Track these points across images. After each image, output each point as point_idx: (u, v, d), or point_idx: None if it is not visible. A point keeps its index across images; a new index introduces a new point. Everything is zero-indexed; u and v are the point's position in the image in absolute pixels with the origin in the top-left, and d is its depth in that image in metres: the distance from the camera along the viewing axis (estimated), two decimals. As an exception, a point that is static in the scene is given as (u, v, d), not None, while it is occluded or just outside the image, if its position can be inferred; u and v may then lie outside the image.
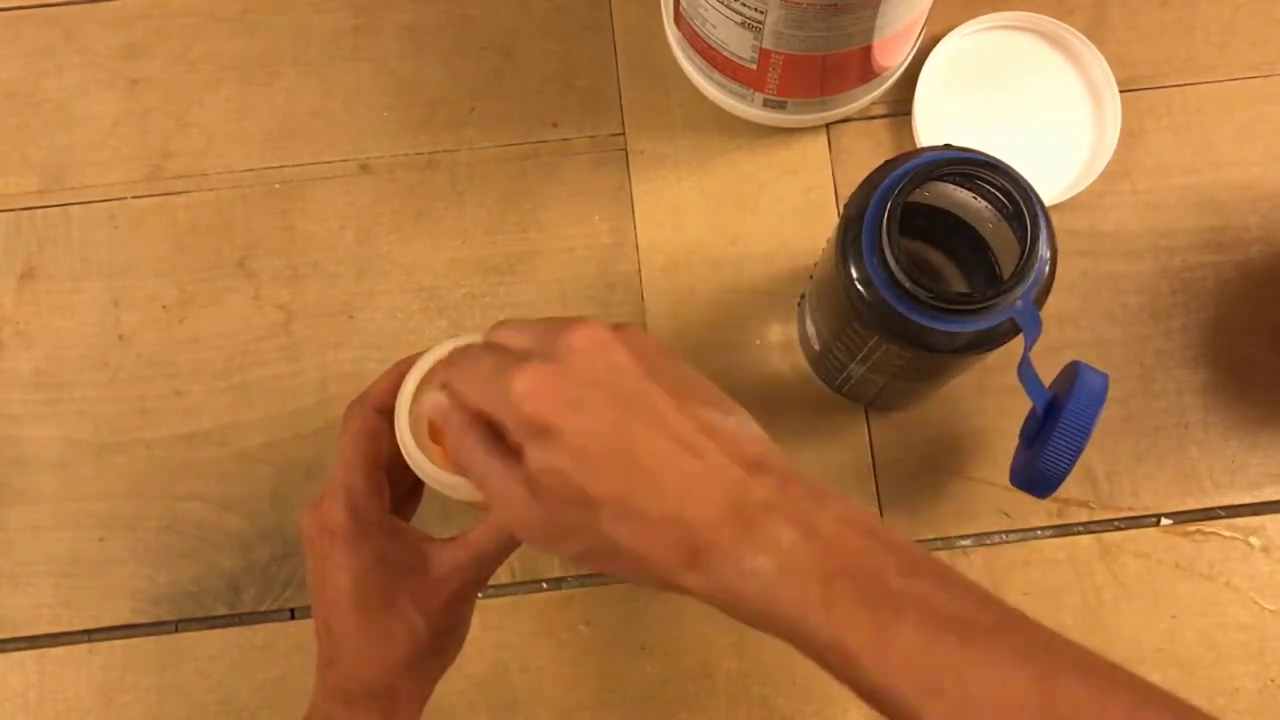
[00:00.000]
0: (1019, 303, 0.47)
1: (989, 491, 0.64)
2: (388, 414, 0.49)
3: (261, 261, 0.67)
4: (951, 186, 0.49)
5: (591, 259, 0.66)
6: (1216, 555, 0.63)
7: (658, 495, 0.39)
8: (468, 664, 0.62)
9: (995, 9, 0.68)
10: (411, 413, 0.48)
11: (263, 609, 0.63)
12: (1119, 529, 0.63)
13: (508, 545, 0.49)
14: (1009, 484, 0.56)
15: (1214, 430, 0.64)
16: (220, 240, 0.67)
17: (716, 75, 0.64)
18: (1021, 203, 0.46)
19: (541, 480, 0.39)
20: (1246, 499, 0.64)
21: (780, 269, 0.66)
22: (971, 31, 0.67)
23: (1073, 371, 0.52)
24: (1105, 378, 0.51)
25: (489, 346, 0.43)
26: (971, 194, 0.49)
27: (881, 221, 0.47)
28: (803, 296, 0.62)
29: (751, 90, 0.63)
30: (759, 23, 0.56)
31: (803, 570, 0.38)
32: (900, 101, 0.67)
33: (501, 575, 0.63)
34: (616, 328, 0.41)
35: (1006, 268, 0.49)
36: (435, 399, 0.43)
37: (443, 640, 0.49)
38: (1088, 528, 0.63)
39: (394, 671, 0.48)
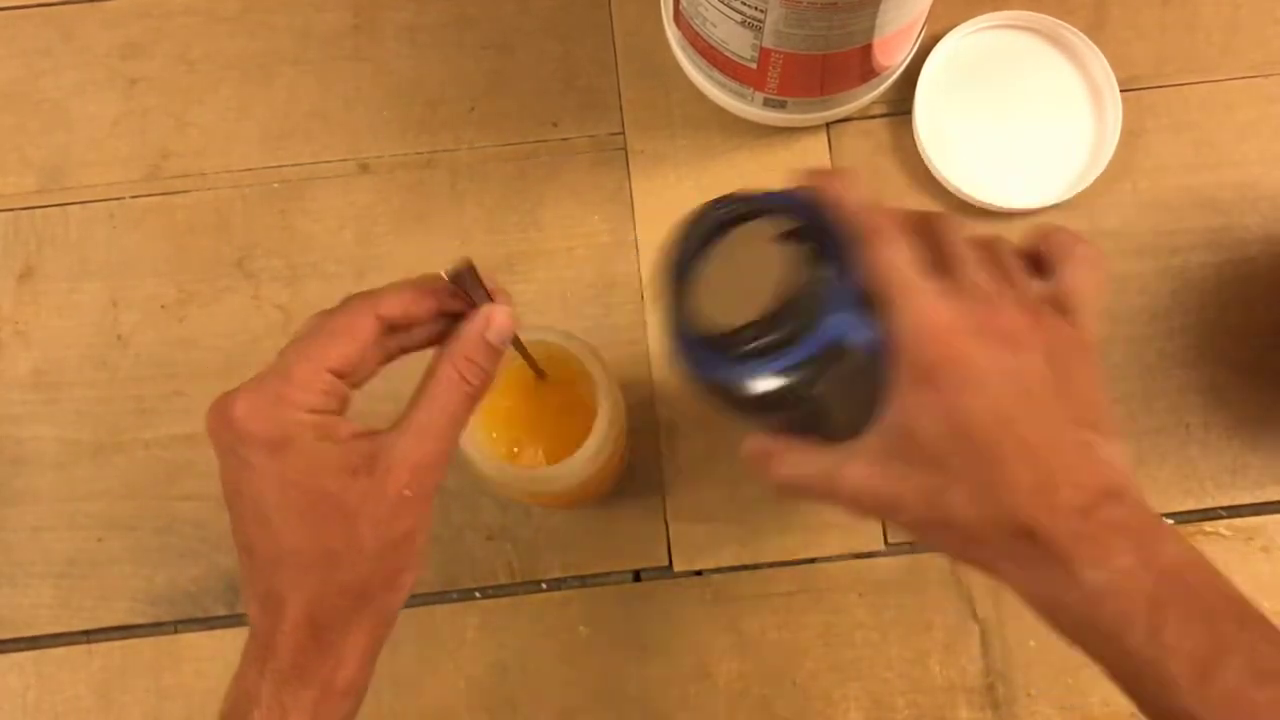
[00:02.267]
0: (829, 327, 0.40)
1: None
2: (386, 325, 0.43)
3: (261, 261, 0.66)
4: (741, 237, 0.43)
5: (591, 259, 0.66)
6: (1217, 556, 0.62)
7: (1015, 483, 0.39)
8: (468, 664, 0.62)
9: (995, 9, 0.68)
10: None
11: (262, 609, 0.63)
12: (1120, 529, 0.63)
13: (459, 410, 0.42)
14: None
15: (1215, 430, 0.64)
16: (219, 240, 0.67)
17: (716, 74, 0.64)
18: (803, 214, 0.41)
19: (910, 421, 0.40)
20: (1248, 499, 0.63)
21: (780, 269, 0.66)
22: (971, 31, 0.67)
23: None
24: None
25: (980, 261, 0.43)
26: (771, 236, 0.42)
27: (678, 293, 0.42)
28: None
29: (751, 90, 0.63)
30: (759, 22, 0.56)
31: (1134, 590, 0.38)
32: (900, 101, 0.67)
33: (501, 575, 0.63)
34: (1038, 320, 0.41)
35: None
36: (750, 447, 0.44)
37: (394, 559, 0.41)
38: (1088, 528, 0.63)
39: (336, 612, 0.40)
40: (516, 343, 0.46)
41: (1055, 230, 0.45)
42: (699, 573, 0.63)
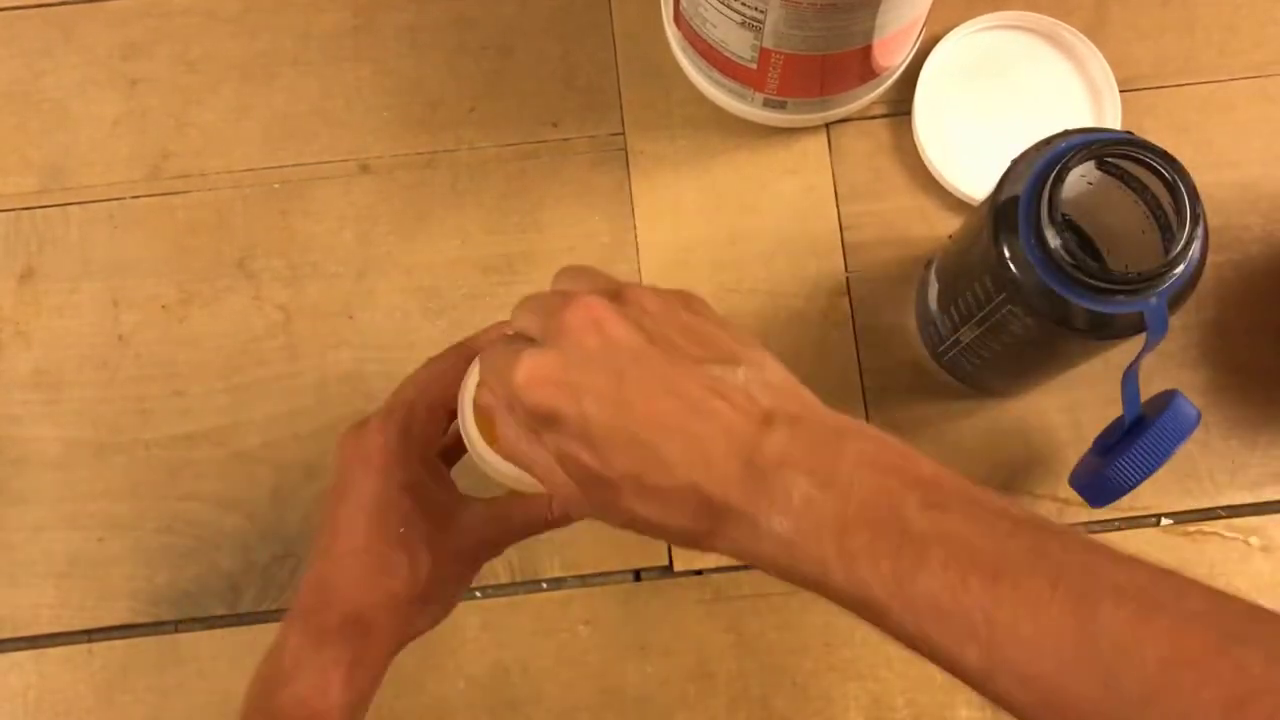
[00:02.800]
0: (1153, 299, 0.47)
1: (989, 491, 0.64)
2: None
3: (261, 261, 0.67)
4: (1091, 173, 0.50)
5: (591, 259, 0.66)
6: (1217, 555, 0.63)
7: (666, 469, 0.37)
8: (468, 664, 0.62)
9: (995, 9, 0.68)
10: (477, 393, 0.48)
11: (262, 609, 0.63)
12: (1119, 529, 0.63)
13: (536, 521, 0.49)
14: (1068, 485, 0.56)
15: (1214, 430, 0.64)
16: (220, 240, 0.67)
17: (716, 75, 0.64)
18: (1185, 193, 0.47)
19: (564, 464, 0.39)
20: (1247, 499, 0.64)
21: (780, 269, 0.66)
22: (971, 31, 0.67)
23: (1168, 397, 0.52)
24: (1199, 414, 0.52)
25: (509, 335, 0.43)
26: (1119, 181, 0.50)
27: (1043, 187, 0.47)
28: (929, 262, 0.62)
29: (751, 90, 0.63)
30: (759, 22, 0.56)
31: (818, 525, 0.36)
32: (900, 101, 0.67)
33: (501, 575, 0.63)
34: (613, 293, 0.40)
35: (1131, 266, 0.49)
36: (479, 395, 0.44)
37: (436, 591, 0.48)
38: (1088, 528, 0.63)
39: (380, 606, 0.46)
40: None
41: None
42: (699, 572, 0.63)
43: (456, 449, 0.52)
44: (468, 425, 0.48)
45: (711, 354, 0.39)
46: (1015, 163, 0.51)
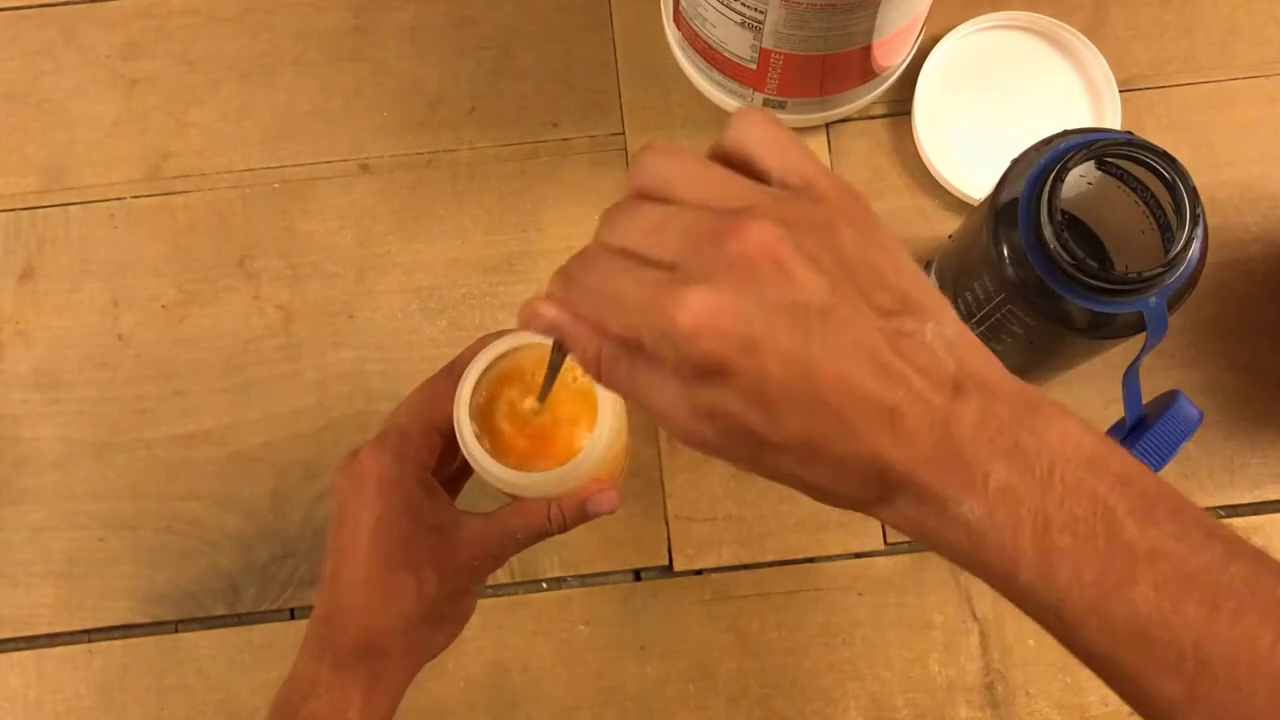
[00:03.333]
0: (1153, 299, 0.47)
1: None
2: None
3: (261, 261, 0.67)
4: (1091, 173, 0.50)
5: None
6: (1216, 555, 0.63)
7: (848, 437, 0.33)
8: (468, 664, 0.62)
9: (995, 9, 0.68)
10: (471, 404, 0.49)
11: (262, 609, 0.63)
12: (1119, 529, 0.63)
13: (536, 530, 0.49)
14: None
15: (1214, 430, 0.64)
16: (220, 240, 0.67)
17: (716, 75, 0.64)
18: (1185, 193, 0.47)
19: (710, 417, 0.34)
20: (1246, 499, 0.64)
21: (780, 269, 0.66)
22: (971, 31, 0.67)
23: (1170, 398, 0.52)
24: (1201, 414, 0.52)
25: (620, 255, 0.35)
26: (1119, 181, 0.50)
27: (1043, 187, 0.47)
28: (929, 262, 0.62)
29: (751, 90, 0.63)
30: (759, 22, 0.56)
31: (1016, 518, 0.33)
32: (900, 101, 0.67)
33: (501, 575, 0.63)
34: (784, 220, 0.33)
35: (1131, 265, 0.49)
36: (550, 315, 0.35)
37: (445, 608, 0.49)
38: (1088, 527, 0.63)
39: (392, 630, 0.47)
40: (555, 362, 0.44)
41: (728, 126, 0.37)
42: (699, 572, 0.63)
43: (462, 475, 0.53)
44: (466, 437, 0.48)
45: (897, 301, 0.34)
46: (1015, 163, 0.51)
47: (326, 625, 0.47)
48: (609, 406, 0.51)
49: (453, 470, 0.52)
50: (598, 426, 0.51)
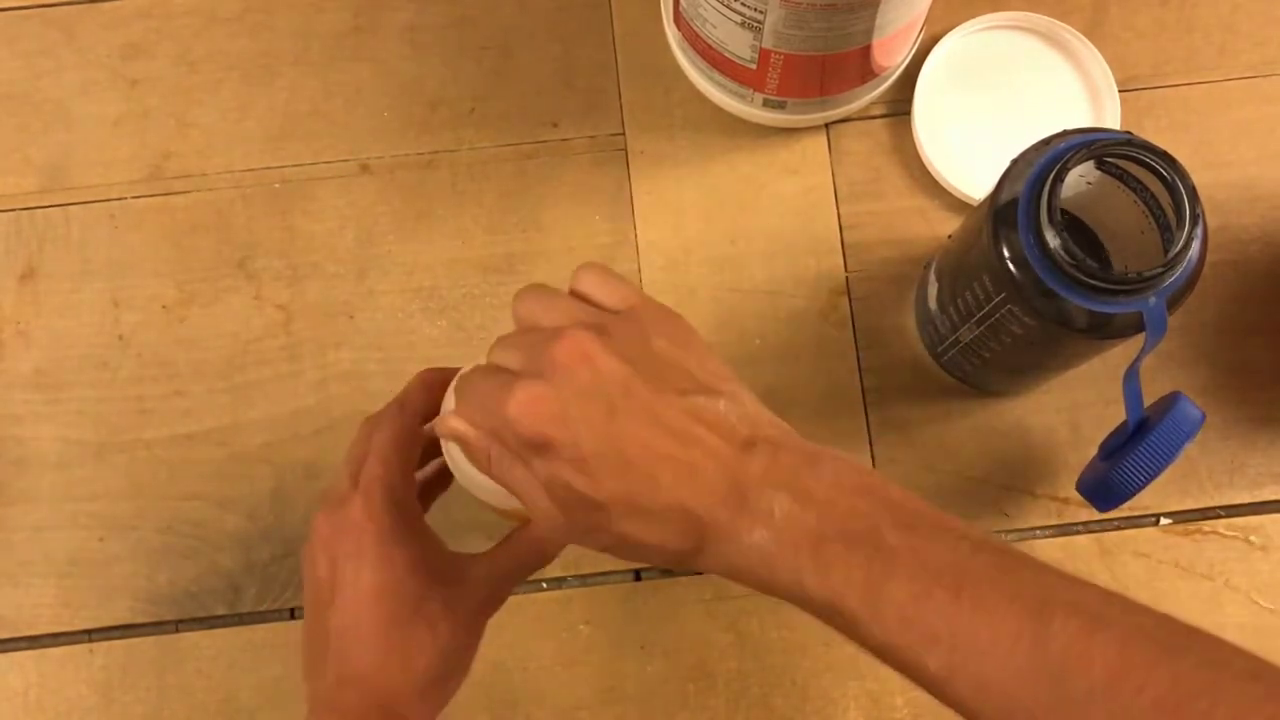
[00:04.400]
0: (1152, 299, 0.47)
1: (988, 491, 0.64)
2: (421, 421, 0.50)
3: (261, 261, 0.67)
4: (1091, 173, 0.50)
5: (591, 259, 0.66)
6: (1216, 555, 0.63)
7: (656, 490, 0.40)
8: (468, 664, 0.62)
9: (995, 9, 0.68)
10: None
11: (263, 609, 0.63)
12: (1118, 529, 0.63)
13: (531, 562, 0.50)
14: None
15: (1213, 430, 0.64)
16: (220, 240, 0.67)
17: (716, 75, 0.64)
18: (1184, 193, 0.47)
19: (551, 490, 0.41)
20: (1246, 498, 0.64)
21: (780, 269, 0.66)
22: (971, 31, 0.67)
23: (1171, 399, 0.53)
24: (1203, 415, 0.52)
25: (488, 368, 0.44)
26: (1118, 181, 0.50)
27: (1043, 188, 0.47)
28: (929, 262, 0.62)
29: (751, 90, 0.63)
30: (759, 22, 0.56)
31: (796, 538, 0.39)
32: (900, 101, 0.67)
33: (501, 575, 0.63)
34: (599, 327, 0.42)
35: (1131, 265, 0.49)
36: (453, 424, 0.44)
37: (460, 658, 0.49)
38: (1087, 527, 0.63)
39: (411, 691, 0.46)
40: None
41: (572, 277, 0.45)
42: (699, 572, 0.63)
43: (435, 486, 0.54)
44: (455, 455, 0.47)
45: (694, 385, 0.42)
46: (1015, 163, 0.51)
47: (339, 691, 0.46)
48: None
49: (422, 480, 0.53)
50: None
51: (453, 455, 0.48)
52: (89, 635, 0.63)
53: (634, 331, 0.42)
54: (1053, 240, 0.47)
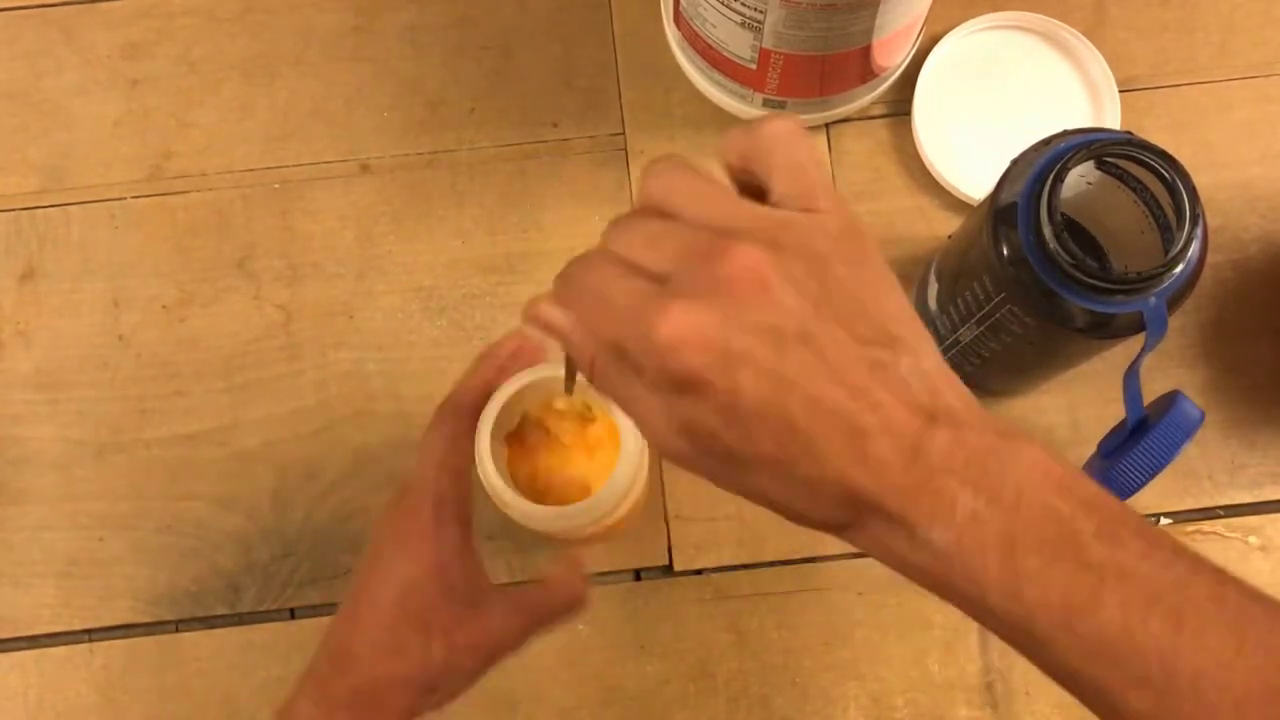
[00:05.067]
0: (1152, 299, 0.47)
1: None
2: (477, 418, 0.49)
3: (261, 261, 0.67)
4: (1091, 173, 0.50)
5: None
6: (1216, 555, 0.62)
7: (818, 460, 0.34)
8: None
9: (995, 9, 0.68)
10: (491, 436, 0.48)
11: (263, 609, 0.63)
12: (1118, 528, 0.63)
13: (560, 615, 0.48)
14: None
15: (1213, 430, 0.64)
16: (220, 240, 0.67)
17: (716, 75, 0.64)
18: (1184, 192, 0.47)
19: (687, 432, 0.34)
20: (1246, 499, 0.64)
21: (780, 269, 0.66)
22: (971, 31, 0.67)
23: (1171, 398, 0.53)
24: (1202, 414, 0.52)
25: (616, 262, 0.35)
26: (1118, 181, 0.50)
27: (1043, 188, 0.47)
28: (929, 262, 0.62)
29: (751, 90, 0.63)
30: (759, 22, 0.56)
31: (984, 542, 0.33)
32: (900, 101, 0.67)
33: (501, 575, 0.63)
34: (773, 241, 0.34)
35: (1131, 265, 0.49)
36: (551, 316, 0.36)
37: (446, 679, 0.47)
38: (1087, 527, 0.63)
39: (392, 685, 0.46)
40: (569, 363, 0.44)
41: (741, 130, 0.37)
42: (699, 572, 0.63)
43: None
44: (489, 474, 0.48)
45: (876, 333, 0.34)
46: (1015, 163, 0.51)
47: (330, 664, 0.47)
48: (633, 442, 0.51)
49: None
50: (622, 457, 0.51)
51: (489, 479, 0.48)
52: (89, 635, 0.63)
53: (813, 251, 0.34)
54: (1052, 240, 0.47)
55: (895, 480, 0.34)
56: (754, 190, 0.36)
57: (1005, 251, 0.49)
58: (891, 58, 0.63)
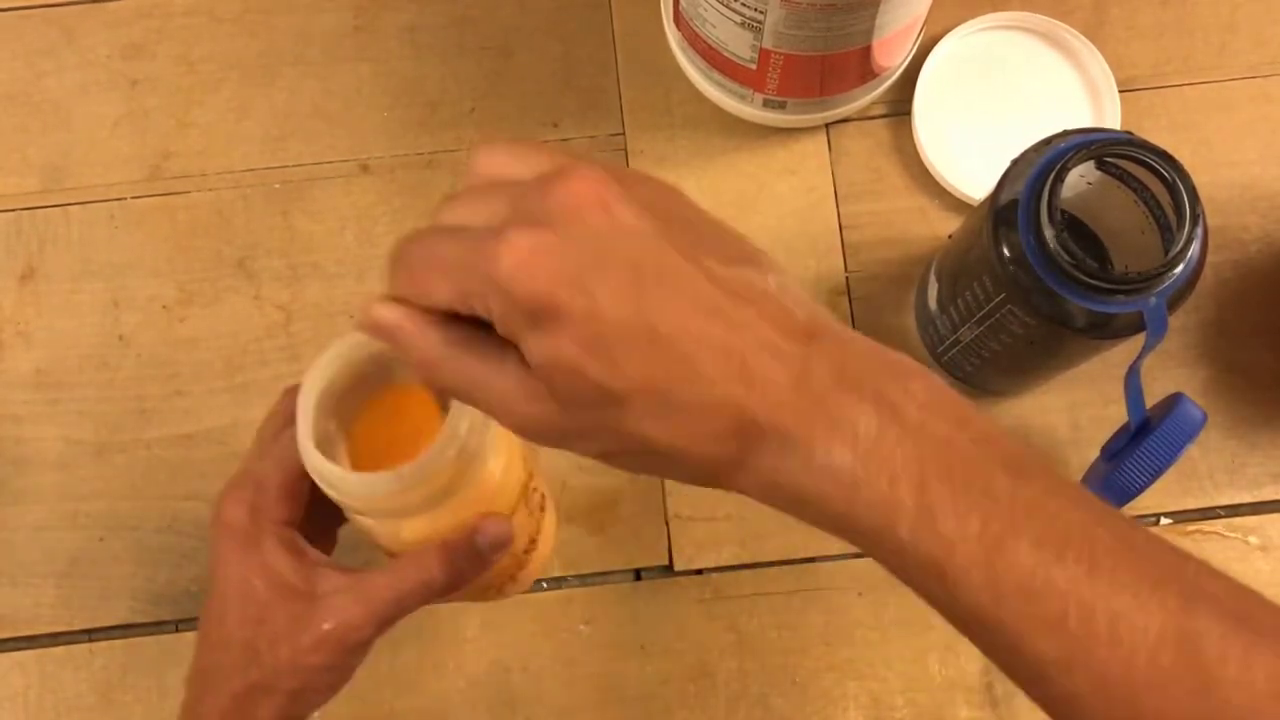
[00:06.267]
0: (1153, 299, 0.47)
1: (989, 491, 0.64)
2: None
3: (261, 261, 0.67)
4: (1091, 173, 0.50)
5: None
6: (1216, 555, 0.63)
7: (696, 380, 0.31)
8: (468, 664, 0.62)
9: (995, 9, 0.68)
10: (315, 409, 0.43)
11: (263, 609, 0.63)
12: (1119, 529, 0.63)
13: (413, 593, 0.44)
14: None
15: (1214, 430, 0.64)
16: (220, 240, 0.67)
17: (716, 75, 0.64)
18: (1185, 192, 0.47)
19: (548, 376, 0.31)
20: (1246, 499, 0.64)
21: (780, 269, 0.66)
22: (971, 31, 0.67)
23: (1173, 400, 0.53)
24: (1205, 415, 0.52)
25: (439, 230, 0.33)
26: (1118, 181, 0.50)
27: (1043, 187, 0.47)
28: (929, 262, 0.62)
29: (751, 90, 0.63)
30: (759, 22, 0.56)
31: (892, 467, 0.31)
32: (900, 101, 0.67)
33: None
34: (614, 173, 0.32)
35: (1131, 265, 0.49)
36: (377, 313, 0.33)
37: (305, 679, 0.44)
38: (1087, 527, 0.63)
39: (250, 696, 0.44)
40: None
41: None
42: (699, 572, 0.63)
43: (325, 536, 0.49)
44: (304, 436, 0.43)
45: (736, 254, 0.33)
46: (1015, 163, 0.51)
47: (194, 689, 0.45)
48: (460, 417, 0.43)
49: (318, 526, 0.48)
50: (449, 420, 0.43)
51: (305, 446, 0.42)
52: (89, 635, 0.63)
53: (655, 186, 0.33)
54: (1053, 240, 0.47)
55: (785, 397, 0.31)
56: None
57: (1005, 251, 0.49)
58: (892, 58, 0.63)
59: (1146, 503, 0.63)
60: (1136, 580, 0.30)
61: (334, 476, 0.42)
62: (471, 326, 0.33)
